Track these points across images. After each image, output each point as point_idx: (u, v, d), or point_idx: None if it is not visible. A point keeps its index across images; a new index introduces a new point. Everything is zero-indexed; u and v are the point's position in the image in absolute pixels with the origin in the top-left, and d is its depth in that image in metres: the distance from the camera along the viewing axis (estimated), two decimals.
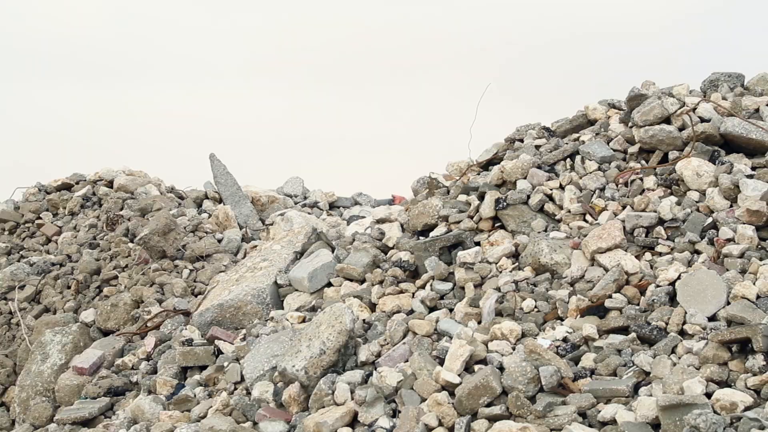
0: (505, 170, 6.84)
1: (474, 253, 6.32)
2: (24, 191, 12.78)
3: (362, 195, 13.84)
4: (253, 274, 7.92)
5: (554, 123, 7.63)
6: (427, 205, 7.16)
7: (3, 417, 8.31)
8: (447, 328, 5.65)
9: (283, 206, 12.37)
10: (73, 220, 11.55)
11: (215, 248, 9.67)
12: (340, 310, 5.77)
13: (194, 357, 6.82)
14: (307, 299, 7.28)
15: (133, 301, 8.69)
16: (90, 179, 12.39)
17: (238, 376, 6.15)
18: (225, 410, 5.70)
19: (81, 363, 7.67)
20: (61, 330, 8.38)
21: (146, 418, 6.14)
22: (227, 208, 10.90)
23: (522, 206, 6.58)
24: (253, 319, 7.35)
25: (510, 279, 5.90)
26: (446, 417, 4.69)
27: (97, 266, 9.80)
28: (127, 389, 7.19)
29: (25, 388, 7.90)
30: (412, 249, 6.77)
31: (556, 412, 4.46)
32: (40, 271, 10.26)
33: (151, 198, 11.27)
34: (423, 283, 6.47)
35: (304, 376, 5.51)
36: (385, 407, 5.03)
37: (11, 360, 8.93)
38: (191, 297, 8.60)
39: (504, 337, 5.24)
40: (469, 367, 5.06)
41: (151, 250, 9.38)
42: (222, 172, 12.05)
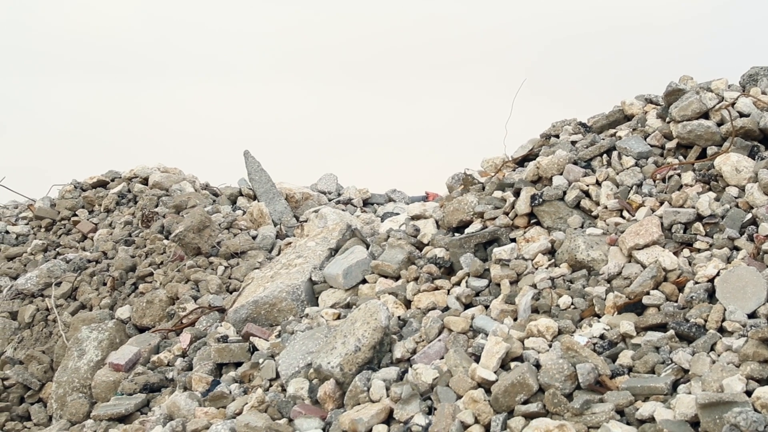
0: (541, 166, 6.79)
1: (510, 249, 6.28)
2: (60, 189, 12.89)
3: (396, 192, 13.83)
4: (287, 270, 7.93)
5: (590, 118, 7.57)
6: (462, 202, 7.13)
7: (40, 413, 8.37)
8: (482, 325, 5.62)
9: (317, 203, 12.40)
10: (109, 217, 11.63)
11: (250, 245, 9.70)
12: (375, 307, 5.75)
13: (229, 354, 6.83)
14: (341, 296, 7.28)
15: (169, 298, 8.74)
16: (125, 176, 12.48)
17: (273, 373, 6.15)
18: (260, 407, 5.70)
19: (117, 359, 7.71)
20: (98, 326, 8.43)
21: (182, 414, 6.15)
22: (261, 205, 10.93)
23: (558, 202, 6.53)
24: (288, 315, 7.35)
25: (546, 276, 5.85)
26: (482, 414, 4.67)
27: (132, 263, 9.86)
28: (162, 386, 7.21)
29: (62, 384, 7.95)
30: (448, 245, 6.75)
31: (594, 410, 4.41)
32: (76, 268, 10.33)
33: (185, 195, 11.32)
34: (458, 279, 6.44)
35: (339, 373, 5.50)
36: (421, 404, 5.01)
37: (48, 356, 9.00)
38: (226, 294, 8.63)
39: (540, 334, 5.21)
40: (505, 364, 5.02)
41: (186, 247, 9.43)
42: (256, 169, 12.09)
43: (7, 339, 9.70)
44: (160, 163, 12.60)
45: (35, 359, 8.93)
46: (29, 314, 9.82)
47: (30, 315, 9.82)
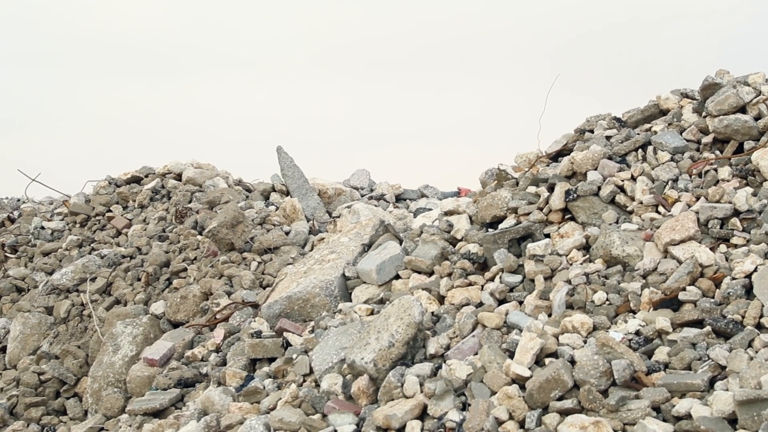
0: (576, 161, 6.75)
1: (544, 245, 6.25)
2: (95, 184, 12.99)
3: (429, 187, 13.82)
4: (321, 266, 7.93)
5: (625, 113, 7.51)
6: (496, 197, 7.10)
7: (76, 407, 8.43)
8: (517, 321, 5.60)
9: (349, 199, 12.41)
10: (143, 212, 11.70)
11: (283, 240, 9.72)
12: (408, 303, 5.74)
13: (263, 349, 6.85)
14: (375, 291, 7.27)
15: (202, 293, 8.77)
16: (159, 172, 12.55)
17: (306, 369, 6.16)
18: (294, 402, 5.71)
19: (151, 354, 7.76)
20: (132, 322, 8.48)
21: (216, 409, 6.18)
22: (294, 201, 10.95)
23: (593, 198, 6.49)
24: (321, 311, 7.36)
25: (581, 271, 5.82)
26: (517, 410, 4.65)
27: (166, 258, 9.91)
28: (197, 381, 7.25)
29: (97, 378, 8.01)
30: (481, 241, 6.73)
31: (629, 407, 4.38)
32: (110, 264, 10.41)
33: (219, 191, 11.37)
34: (492, 275, 6.42)
35: (372, 369, 5.49)
36: (455, 400, 4.99)
37: (83, 351, 9.06)
38: (259, 289, 8.65)
39: (575, 330, 5.18)
40: (540, 360, 4.99)
41: (219, 243, 9.46)
42: (289, 165, 12.12)
43: (43, 334, 9.78)
44: (194, 159, 12.66)
45: (71, 354, 9.00)
46: (65, 309, 9.90)
47: (65, 310, 9.90)
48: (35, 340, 9.73)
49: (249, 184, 12.57)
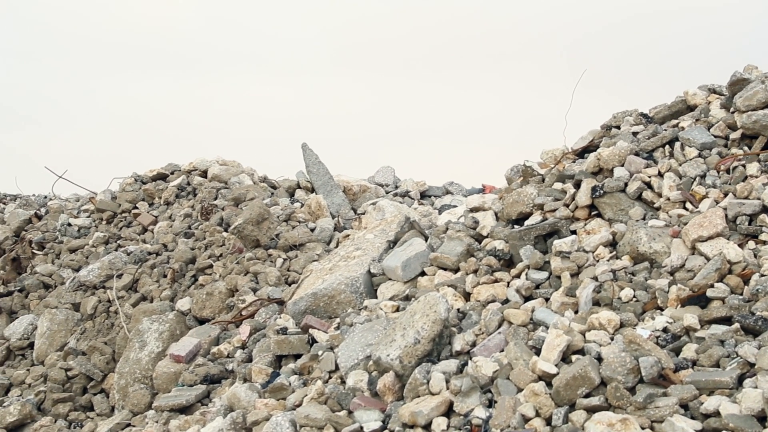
0: (602, 157, 6.72)
1: (570, 241, 6.22)
2: (121, 181, 13.05)
3: (453, 184, 13.80)
4: (346, 263, 7.93)
5: (652, 109, 7.47)
6: (522, 194, 7.08)
7: (103, 403, 8.48)
8: (543, 318, 5.57)
9: (374, 195, 12.40)
10: (169, 209, 11.74)
11: (308, 237, 9.74)
12: (434, 299, 5.73)
13: (289, 345, 6.86)
14: (400, 288, 7.26)
15: (228, 290, 8.80)
16: (184, 169, 12.59)
17: (332, 365, 6.16)
18: (320, 399, 5.71)
19: (178, 351, 7.79)
20: (158, 318, 8.52)
21: (242, 405, 6.19)
22: (320, 198, 10.95)
23: (619, 194, 6.45)
24: (346, 308, 7.36)
25: (607, 268, 5.79)
26: (543, 407, 4.63)
27: (192, 255, 9.94)
28: (223, 377, 7.27)
29: (124, 375, 8.04)
30: (507, 238, 6.71)
31: (657, 404, 4.36)
32: (137, 260, 10.45)
33: (244, 188, 11.39)
34: (518, 272, 6.39)
35: (398, 366, 5.49)
36: (481, 397, 4.98)
37: (110, 347, 9.11)
38: (285, 286, 8.66)
39: (602, 327, 5.15)
40: (566, 357, 4.98)
41: (245, 239, 9.48)
42: (314, 162, 12.13)
43: (70, 330, 9.84)
44: (219, 156, 12.69)
45: (98, 350, 9.04)
46: (91, 306, 9.95)
47: (92, 306, 9.95)
48: (62, 336, 9.79)
49: (274, 181, 12.59)
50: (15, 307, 11.15)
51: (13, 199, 16.25)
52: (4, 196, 16.55)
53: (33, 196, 16.03)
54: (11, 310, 11.15)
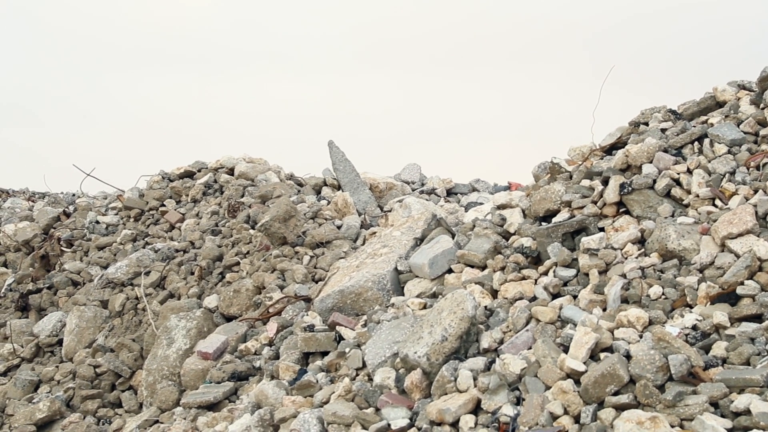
0: (630, 154, 6.68)
1: (598, 239, 6.18)
2: (148, 179, 13.12)
3: (479, 181, 13.77)
4: (373, 260, 7.93)
5: (680, 105, 7.42)
6: (550, 191, 7.05)
7: (131, 400, 8.52)
8: (571, 315, 5.55)
9: (401, 193, 12.40)
10: (196, 207, 11.78)
11: (335, 235, 9.74)
12: (461, 297, 5.72)
13: (316, 343, 6.88)
14: (427, 285, 7.26)
15: (255, 287, 8.82)
16: (211, 167, 12.64)
17: (359, 362, 6.17)
18: (347, 396, 5.72)
19: (205, 348, 7.81)
20: (186, 315, 8.55)
21: (270, 402, 6.20)
22: (346, 195, 10.96)
23: (648, 191, 6.41)
24: (373, 305, 7.36)
25: (636, 265, 5.75)
26: (572, 405, 4.61)
27: (219, 252, 9.98)
28: (250, 374, 7.29)
29: (152, 372, 8.08)
30: (535, 235, 6.68)
31: (687, 402, 4.33)
32: (164, 258, 10.50)
33: (271, 185, 11.42)
34: (546, 269, 6.37)
35: (426, 363, 5.49)
36: (509, 395, 4.97)
37: (138, 344, 9.16)
38: (312, 283, 8.68)
39: (630, 325, 5.12)
40: (595, 354, 4.95)
41: (272, 237, 9.50)
42: (340, 159, 12.14)
43: (99, 327, 9.90)
44: (246, 154, 12.73)
45: (126, 347, 9.09)
46: (119, 303, 10.01)
47: (120, 304, 10.01)
48: (91, 333, 9.85)
49: (300, 179, 12.61)
50: (44, 304, 11.23)
51: (42, 197, 16.38)
52: (33, 194, 16.69)
53: (61, 194, 16.15)
54: (40, 307, 11.24)
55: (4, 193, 16.82)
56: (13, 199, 15.87)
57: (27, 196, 16.59)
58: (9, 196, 16.64)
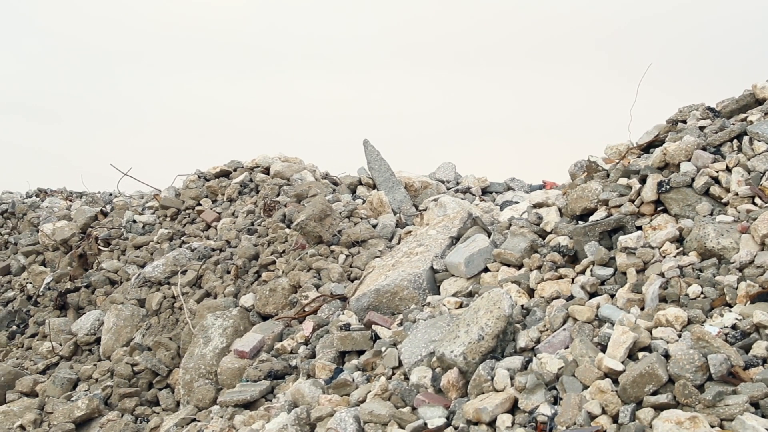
0: (668, 152, 6.62)
1: (636, 237, 6.14)
2: (184, 178, 13.19)
3: (515, 180, 13.72)
4: (409, 259, 7.93)
5: (719, 103, 7.35)
6: (586, 189, 7.01)
7: (168, 398, 8.57)
8: (608, 315, 5.51)
9: (436, 192, 12.38)
10: (232, 206, 11.83)
11: (370, 234, 9.74)
12: (498, 296, 5.71)
13: (352, 342, 6.88)
14: (463, 284, 7.24)
15: (291, 286, 8.84)
16: (247, 166, 12.69)
17: (395, 361, 6.17)
18: (384, 395, 5.72)
19: (242, 346, 7.84)
20: (222, 314, 8.59)
21: (306, 401, 6.22)
22: (381, 194, 10.96)
23: (686, 189, 6.35)
24: (409, 304, 7.36)
25: (674, 264, 5.70)
26: (610, 405, 4.59)
27: (255, 251, 10.01)
28: (286, 373, 7.31)
29: (189, 370, 8.12)
30: (572, 234, 6.65)
31: (727, 402, 4.29)
32: (201, 257, 10.55)
33: (306, 184, 11.44)
34: (583, 268, 6.34)
35: (462, 362, 5.48)
36: (546, 394, 4.95)
37: (175, 343, 9.21)
38: (347, 282, 8.68)
39: (669, 324, 5.07)
40: (633, 354, 4.92)
41: (307, 236, 9.52)
42: (375, 158, 12.15)
43: (136, 326, 9.97)
44: (281, 153, 12.76)
45: (163, 346, 9.14)
46: (156, 302, 10.07)
47: (157, 302, 10.07)
48: (128, 331, 9.92)
49: (336, 178, 12.63)
50: (82, 302, 11.33)
51: (79, 196, 16.52)
52: (71, 194, 16.83)
53: (98, 194, 16.27)
54: (78, 305, 11.34)
55: (42, 193, 16.98)
56: (51, 199, 16.02)
57: (65, 195, 16.74)
58: (47, 195, 16.80)
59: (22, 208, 15.59)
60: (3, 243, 15.13)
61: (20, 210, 15.59)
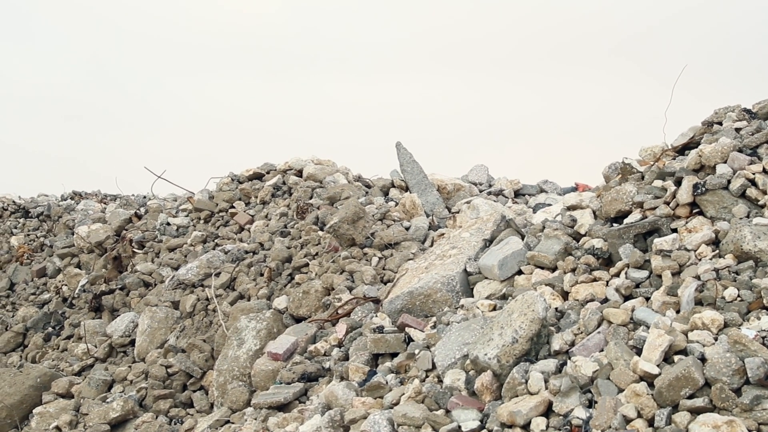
0: (704, 154, 6.57)
1: (671, 240, 6.09)
2: (218, 181, 13.26)
3: (547, 182, 13.67)
4: (442, 261, 7.92)
5: (756, 104, 7.28)
6: (621, 191, 6.97)
7: (202, 400, 8.61)
8: (644, 317, 5.48)
9: (468, 194, 12.36)
10: (265, 208, 11.87)
11: (403, 236, 9.74)
12: (532, 298, 5.69)
13: (385, 344, 6.88)
14: (497, 287, 7.22)
15: (324, 289, 8.86)
16: (280, 169, 12.74)
17: (429, 364, 6.16)
18: (417, 398, 5.71)
19: (275, 349, 7.86)
20: (256, 316, 8.62)
21: (340, 404, 6.22)
22: (414, 197, 10.95)
23: (722, 191, 6.30)
24: (443, 306, 7.35)
25: (710, 267, 5.65)
26: (645, 408, 4.56)
27: (288, 254, 10.03)
28: (320, 375, 7.32)
29: (223, 372, 8.15)
30: (606, 236, 6.61)
31: (765, 406, 4.25)
32: (234, 259, 10.59)
33: (339, 186, 11.46)
34: (617, 271, 6.29)
35: (496, 365, 5.46)
36: (581, 397, 4.92)
37: (209, 345, 9.25)
38: (380, 284, 8.69)
39: (705, 327, 5.03)
40: (668, 357, 4.88)
41: (340, 238, 9.53)
42: (408, 161, 12.14)
43: (170, 328, 10.02)
44: (314, 156, 12.80)
45: (197, 348, 9.19)
46: (190, 304, 10.12)
47: (191, 304, 10.12)
48: (162, 333, 9.98)
49: (368, 180, 12.64)
50: (116, 305, 11.41)
51: (114, 199, 16.66)
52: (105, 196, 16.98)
53: (132, 196, 16.39)
54: (113, 307, 11.42)
55: (77, 196, 17.14)
56: (85, 202, 16.17)
57: (99, 198, 16.89)
58: (82, 198, 16.96)
59: (57, 211, 15.75)
60: (39, 245, 15.29)
61: (56, 213, 15.75)
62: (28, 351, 11.91)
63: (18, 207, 16.57)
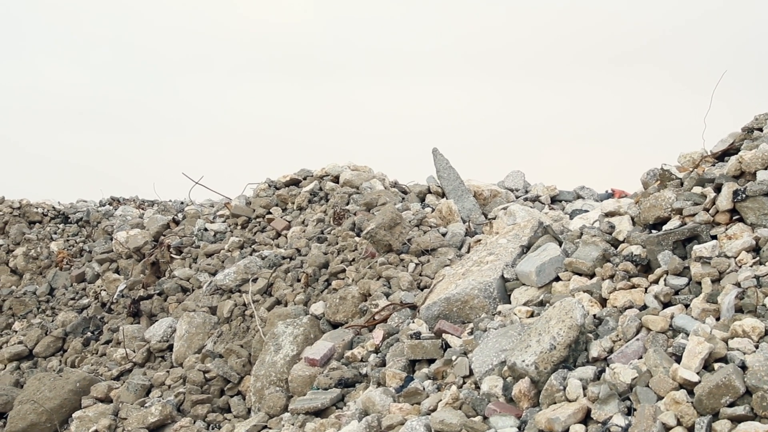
0: (744, 160, 6.52)
1: (711, 247, 6.04)
2: (255, 187, 13.32)
3: (584, 188, 13.62)
4: (479, 267, 7.91)
5: None
6: (660, 198, 6.93)
7: (240, 405, 8.64)
8: (683, 325, 5.44)
9: (505, 200, 12.35)
10: (302, 214, 11.92)
11: (440, 242, 9.74)
12: (570, 305, 5.67)
13: (422, 350, 6.88)
14: (534, 293, 7.20)
15: (361, 294, 8.87)
16: (317, 175, 12.78)
17: (466, 370, 6.15)
18: (455, 404, 5.71)
19: (312, 354, 7.88)
20: (293, 322, 8.65)
21: (377, 410, 6.23)
22: (450, 203, 10.96)
23: (763, 198, 6.24)
24: (480, 313, 7.33)
25: (751, 274, 5.60)
26: (685, 416, 4.52)
27: (325, 260, 10.06)
28: (357, 381, 7.33)
29: (260, 377, 8.19)
30: (645, 243, 6.57)
31: None
32: (271, 265, 10.64)
33: (376, 193, 11.48)
34: (656, 277, 6.25)
35: (534, 371, 5.44)
36: (620, 404, 4.90)
37: (246, 350, 9.29)
38: (417, 290, 8.69)
39: (746, 335, 4.99)
40: (708, 365, 4.85)
41: (377, 244, 9.55)
42: (445, 167, 12.15)
43: (208, 333, 10.08)
44: (350, 162, 12.83)
45: (234, 353, 9.23)
46: (228, 309, 10.17)
47: (228, 310, 10.17)
48: (200, 339, 10.03)
49: (405, 186, 12.65)
50: (155, 310, 11.49)
51: (151, 204, 16.78)
52: (143, 202, 17.11)
53: (170, 202, 16.51)
54: (151, 312, 11.51)
55: (115, 201, 17.28)
56: (124, 207, 16.30)
57: (137, 204, 17.02)
58: (120, 204, 17.09)
59: (96, 217, 15.89)
60: (78, 251, 15.43)
61: (94, 218, 15.89)
62: (67, 356, 12.02)
63: (57, 213, 16.72)
